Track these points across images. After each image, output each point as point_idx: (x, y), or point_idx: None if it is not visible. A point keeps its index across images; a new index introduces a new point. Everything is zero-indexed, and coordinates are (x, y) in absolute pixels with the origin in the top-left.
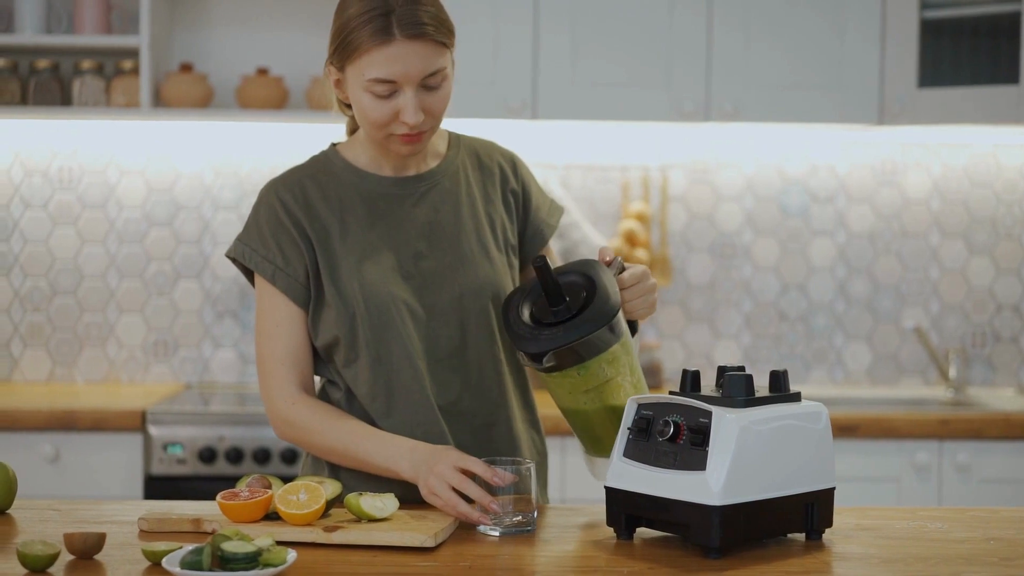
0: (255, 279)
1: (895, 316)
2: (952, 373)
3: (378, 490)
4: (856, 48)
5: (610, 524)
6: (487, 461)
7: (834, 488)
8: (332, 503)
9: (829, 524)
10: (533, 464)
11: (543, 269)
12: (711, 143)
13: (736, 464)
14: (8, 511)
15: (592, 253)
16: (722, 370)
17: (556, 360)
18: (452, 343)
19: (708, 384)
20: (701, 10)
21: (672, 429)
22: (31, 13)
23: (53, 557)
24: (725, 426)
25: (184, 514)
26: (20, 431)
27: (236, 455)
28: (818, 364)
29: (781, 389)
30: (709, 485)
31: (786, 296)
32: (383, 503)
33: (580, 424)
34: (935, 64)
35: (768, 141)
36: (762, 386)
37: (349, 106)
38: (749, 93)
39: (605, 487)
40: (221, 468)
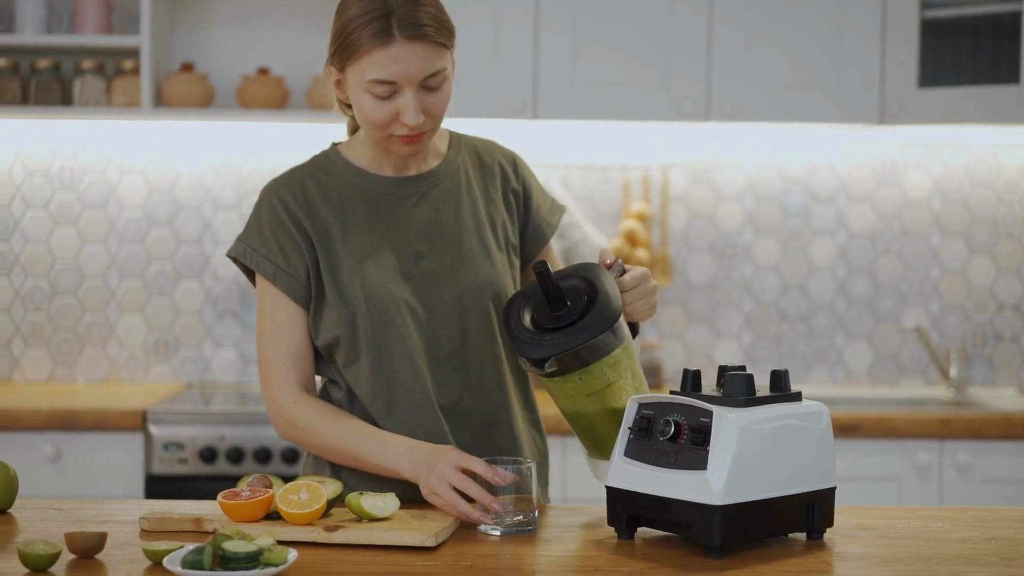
0: (256, 279)
1: (896, 316)
2: (953, 373)
3: (379, 490)
4: (856, 48)
5: (611, 524)
6: (488, 460)
7: (835, 488)
8: (333, 503)
9: (830, 524)
10: (534, 464)
11: (544, 274)
12: (712, 143)
13: (737, 464)
14: (9, 511)
15: (593, 253)
16: (723, 370)
17: (558, 365)
18: (453, 343)
19: (709, 384)
20: (701, 10)
21: (673, 429)
22: (32, 13)
23: (54, 556)
24: (726, 426)
25: (185, 514)
26: (21, 431)
27: (237, 455)
28: (819, 364)
29: (782, 389)
30: (710, 485)
31: (787, 296)
32: (384, 503)
33: (582, 427)
34: (935, 64)
35: (769, 141)
36: (763, 386)
37: (350, 106)
38: (750, 93)
39: (606, 486)
40: (222, 468)
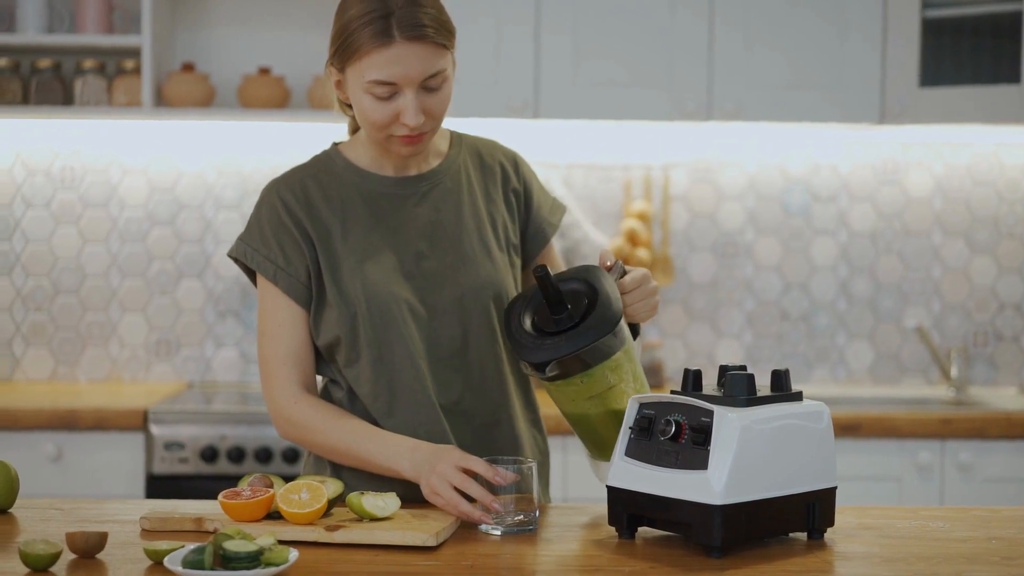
0: (257, 279)
1: (897, 315)
2: (954, 372)
3: (380, 489)
4: (857, 47)
5: (612, 523)
6: (489, 460)
7: (836, 487)
8: (334, 502)
9: (831, 523)
10: (535, 463)
11: (544, 278)
12: (713, 142)
13: (738, 463)
14: (10, 510)
15: (594, 252)
16: (724, 369)
17: (560, 369)
18: (454, 343)
19: (710, 383)
20: (702, 10)
21: (674, 428)
22: (33, 13)
23: (55, 556)
24: (727, 425)
25: (186, 513)
26: (22, 430)
27: (238, 454)
28: (820, 363)
29: (783, 388)
30: (711, 484)
31: (788, 295)
32: (385, 502)
33: (584, 429)
34: (937, 63)
35: (770, 140)
36: (764, 385)
37: (350, 106)
38: (751, 92)
39: (607, 486)
40: (223, 467)
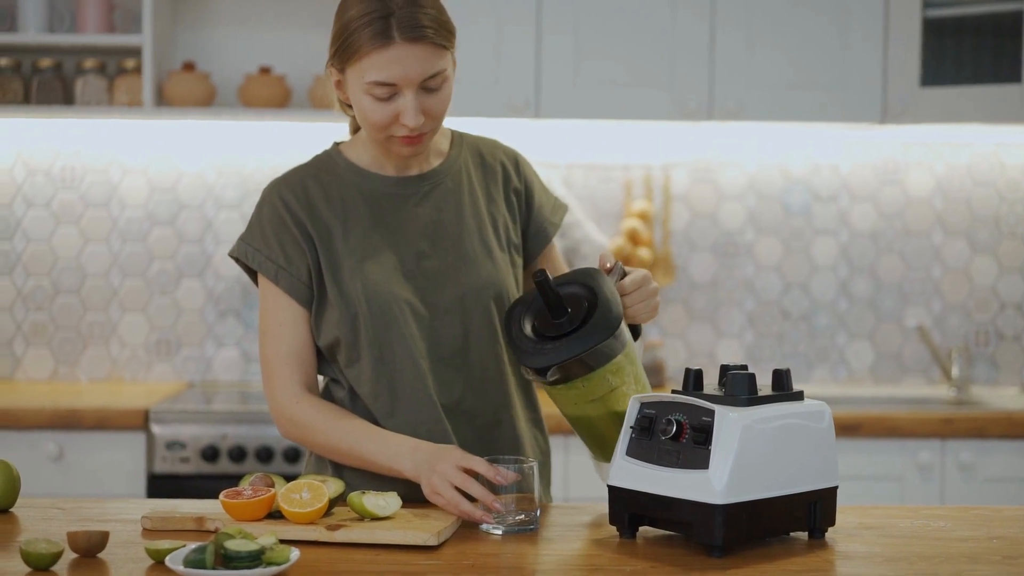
0: (258, 279)
1: (898, 315)
2: (955, 372)
3: (381, 489)
4: (859, 47)
5: (613, 523)
6: (490, 460)
7: (837, 487)
8: (335, 502)
9: (832, 523)
10: (536, 463)
11: (543, 283)
12: (714, 142)
13: (739, 463)
14: (12, 510)
15: (595, 252)
16: (725, 369)
17: (561, 373)
18: (455, 342)
19: (711, 383)
20: (704, 9)
21: (675, 428)
22: (34, 12)
23: (56, 555)
24: (728, 425)
25: (187, 513)
26: (23, 430)
27: (239, 453)
28: (821, 363)
29: (784, 388)
30: (712, 484)
31: (789, 295)
32: (386, 502)
33: (586, 431)
34: (938, 63)
35: (771, 140)
36: (765, 385)
37: (351, 106)
38: (752, 92)
39: (608, 486)
40: (224, 467)
